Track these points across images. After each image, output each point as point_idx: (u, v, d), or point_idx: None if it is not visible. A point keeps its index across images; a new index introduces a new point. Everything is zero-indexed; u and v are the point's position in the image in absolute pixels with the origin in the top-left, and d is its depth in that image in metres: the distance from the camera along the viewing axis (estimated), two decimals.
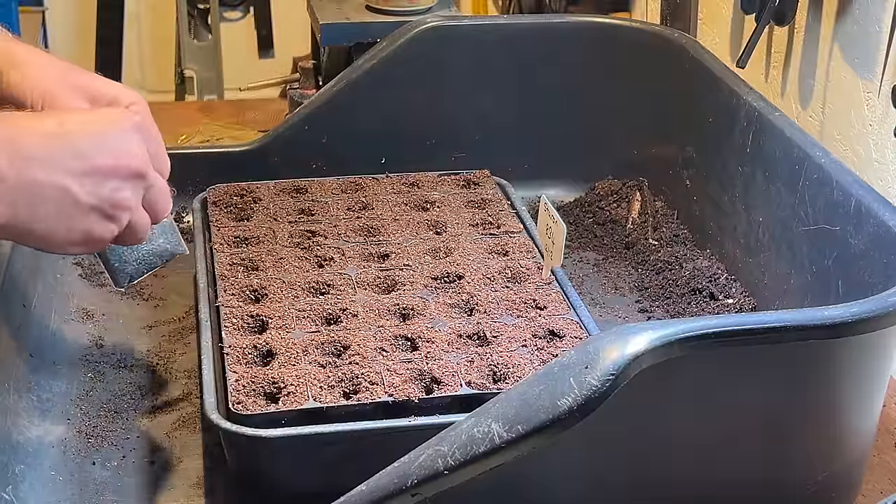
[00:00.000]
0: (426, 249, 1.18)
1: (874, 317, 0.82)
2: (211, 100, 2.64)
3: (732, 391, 0.84)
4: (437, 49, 1.39)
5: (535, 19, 1.50)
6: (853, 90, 1.25)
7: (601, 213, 1.41)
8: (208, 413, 0.92)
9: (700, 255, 1.29)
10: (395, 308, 1.07)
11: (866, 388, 0.90)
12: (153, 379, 1.10)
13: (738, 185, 1.23)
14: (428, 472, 0.76)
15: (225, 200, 1.26)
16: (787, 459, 0.89)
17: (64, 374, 1.09)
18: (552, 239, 1.11)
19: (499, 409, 0.76)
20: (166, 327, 1.18)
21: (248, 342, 1.01)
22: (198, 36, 2.77)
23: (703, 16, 1.58)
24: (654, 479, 0.86)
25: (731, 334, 0.79)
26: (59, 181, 0.79)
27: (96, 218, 0.82)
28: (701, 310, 1.20)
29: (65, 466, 0.98)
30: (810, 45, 1.32)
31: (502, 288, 1.11)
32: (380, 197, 1.28)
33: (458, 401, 0.95)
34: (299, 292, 1.09)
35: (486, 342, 1.03)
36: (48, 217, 0.80)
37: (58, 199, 0.79)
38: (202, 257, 1.16)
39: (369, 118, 1.38)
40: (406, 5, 1.67)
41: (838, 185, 1.04)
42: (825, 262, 1.06)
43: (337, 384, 0.96)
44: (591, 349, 0.75)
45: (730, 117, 1.24)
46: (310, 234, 1.20)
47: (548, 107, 1.43)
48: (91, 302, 1.21)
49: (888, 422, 1.07)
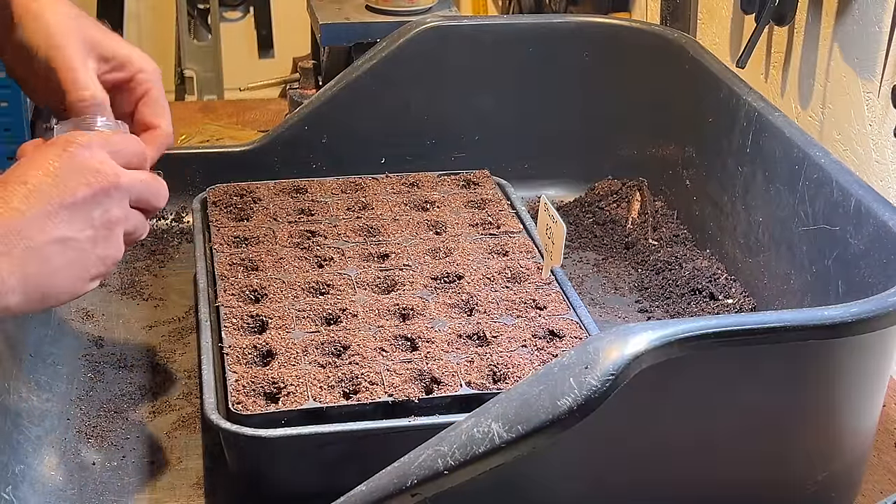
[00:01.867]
0: (426, 249, 1.18)
1: (874, 317, 0.82)
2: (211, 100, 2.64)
3: (732, 391, 0.84)
4: (437, 49, 1.38)
5: (535, 19, 1.50)
6: (853, 90, 1.25)
7: (601, 213, 1.41)
8: (208, 413, 0.92)
9: (700, 255, 1.29)
10: (395, 308, 1.07)
11: (866, 388, 0.90)
12: (153, 379, 1.10)
13: (738, 185, 1.23)
14: (428, 472, 0.76)
15: (225, 200, 1.26)
16: (787, 459, 0.89)
17: (64, 374, 1.09)
18: (552, 239, 1.11)
19: (499, 409, 0.76)
20: (166, 327, 1.18)
21: (248, 342, 1.01)
22: (198, 36, 2.77)
23: (703, 16, 1.58)
24: (653, 480, 0.86)
25: (731, 334, 0.79)
26: (52, 234, 0.79)
27: (101, 245, 0.82)
28: (701, 310, 1.20)
29: (65, 466, 0.98)
30: (810, 45, 1.32)
31: (502, 288, 1.11)
32: (380, 197, 1.28)
33: (458, 401, 0.95)
34: (299, 292, 1.09)
35: (486, 342, 1.03)
36: (60, 268, 0.80)
37: (60, 251, 0.80)
38: (202, 257, 1.16)
39: (369, 118, 1.38)
40: (406, 5, 1.67)
41: (838, 185, 1.04)
42: (825, 262, 1.06)
43: (337, 384, 0.96)
44: (591, 349, 0.75)
45: (730, 117, 1.24)
46: (310, 234, 1.20)
47: (547, 107, 1.43)
48: (91, 302, 1.21)
49: (888, 422, 1.08)
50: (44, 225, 0.79)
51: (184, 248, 1.32)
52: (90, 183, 0.82)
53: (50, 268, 0.80)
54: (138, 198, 0.86)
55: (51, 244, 0.79)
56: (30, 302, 0.80)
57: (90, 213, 0.82)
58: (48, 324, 1.13)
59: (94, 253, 0.82)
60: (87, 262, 0.82)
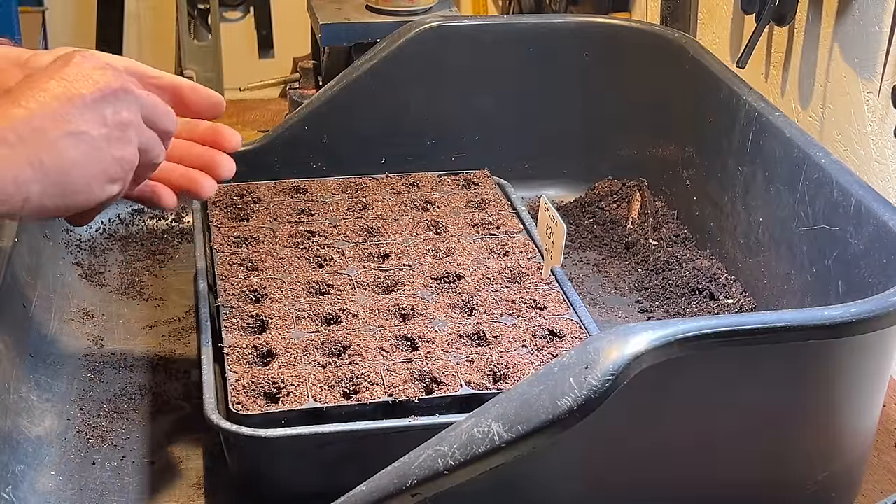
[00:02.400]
0: (426, 249, 1.18)
1: (874, 317, 0.82)
2: None
3: (732, 391, 0.84)
4: (437, 49, 1.38)
5: (535, 19, 1.50)
6: (853, 90, 1.25)
7: (601, 213, 1.41)
8: (208, 413, 0.92)
9: (700, 255, 1.29)
10: (395, 308, 1.07)
11: (866, 388, 0.90)
12: (153, 379, 1.10)
13: (738, 185, 1.23)
14: (428, 472, 0.76)
15: (225, 200, 1.26)
16: (787, 459, 0.89)
17: (64, 374, 1.09)
18: (552, 239, 1.11)
19: (499, 409, 0.76)
20: (166, 327, 1.18)
21: (248, 342, 1.01)
22: (198, 36, 2.77)
23: (703, 16, 1.58)
24: (653, 480, 0.86)
25: (731, 334, 0.79)
26: (65, 127, 0.79)
27: (115, 145, 0.82)
28: (701, 310, 1.20)
29: (65, 466, 0.98)
30: (810, 45, 1.32)
31: (502, 288, 1.11)
32: (380, 197, 1.28)
33: (458, 401, 0.95)
34: (299, 292, 1.09)
35: (486, 342, 1.03)
36: (77, 162, 0.80)
37: (74, 143, 0.79)
38: (202, 257, 1.16)
39: (369, 118, 1.38)
40: (406, 5, 1.67)
41: (838, 185, 1.04)
42: (825, 262, 1.06)
43: (337, 384, 0.96)
44: (591, 349, 0.75)
45: (730, 117, 1.24)
46: (310, 234, 1.20)
47: (547, 107, 1.43)
48: (91, 302, 1.21)
49: (888, 422, 1.08)
50: (56, 119, 0.79)
51: (184, 248, 1.32)
52: (98, 82, 0.81)
53: (66, 160, 0.79)
54: (148, 113, 0.85)
55: (64, 137, 0.79)
56: (50, 196, 0.79)
57: (101, 111, 0.81)
58: (48, 324, 1.13)
59: (109, 152, 0.82)
60: (102, 160, 0.81)
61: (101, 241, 1.31)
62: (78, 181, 0.80)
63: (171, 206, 0.96)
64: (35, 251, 1.18)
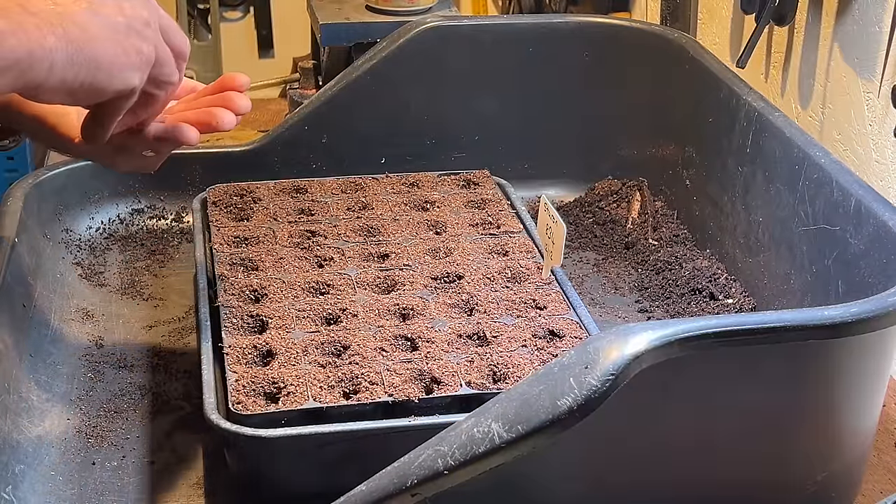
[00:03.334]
0: (426, 249, 1.18)
1: (874, 317, 0.82)
2: None
3: (732, 391, 0.84)
4: (437, 49, 1.39)
5: (535, 19, 1.50)
6: (853, 90, 1.25)
7: (601, 213, 1.41)
8: (208, 413, 0.92)
9: (700, 255, 1.29)
10: (395, 308, 1.07)
11: (866, 388, 0.90)
12: (153, 379, 1.10)
13: (738, 185, 1.23)
14: (428, 472, 0.76)
15: (225, 200, 1.26)
16: (787, 459, 0.89)
17: (64, 374, 1.09)
18: (552, 239, 1.11)
19: (499, 409, 0.76)
20: (166, 327, 1.18)
21: (248, 342, 1.01)
22: (198, 36, 2.77)
23: (703, 16, 1.58)
24: (653, 480, 0.86)
25: (731, 334, 0.79)
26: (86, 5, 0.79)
27: (134, 36, 0.81)
28: (701, 310, 1.20)
29: (65, 466, 0.98)
30: (810, 45, 1.32)
31: (502, 288, 1.11)
32: (380, 197, 1.28)
33: (458, 401, 0.95)
34: (299, 292, 1.09)
35: (486, 342, 1.03)
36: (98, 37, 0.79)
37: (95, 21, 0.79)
38: (202, 257, 1.16)
39: (369, 118, 1.38)
40: (406, 5, 1.67)
41: (838, 185, 1.05)
42: (825, 262, 1.06)
43: (337, 384, 0.96)
44: (591, 349, 0.75)
45: (730, 117, 1.24)
46: (310, 234, 1.20)
47: (548, 107, 1.43)
48: (91, 302, 1.21)
49: (888, 422, 1.08)
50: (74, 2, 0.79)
51: (184, 248, 1.32)
52: None
53: (89, 34, 0.79)
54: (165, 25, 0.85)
55: (86, 12, 0.79)
56: (74, 67, 0.78)
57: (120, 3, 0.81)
58: (48, 324, 1.13)
59: (129, 40, 0.81)
60: (122, 43, 0.81)
61: (101, 240, 1.31)
62: (101, 56, 0.79)
63: (194, 140, 0.95)
64: (35, 251, 1.18)
